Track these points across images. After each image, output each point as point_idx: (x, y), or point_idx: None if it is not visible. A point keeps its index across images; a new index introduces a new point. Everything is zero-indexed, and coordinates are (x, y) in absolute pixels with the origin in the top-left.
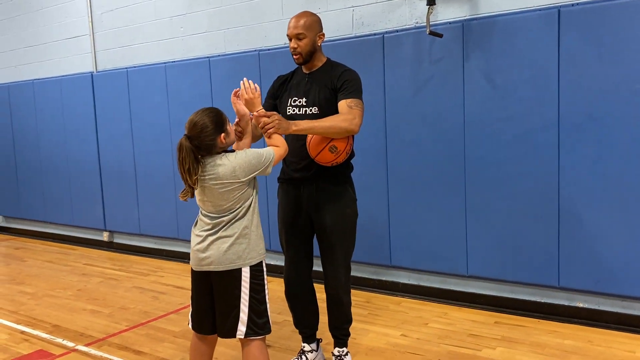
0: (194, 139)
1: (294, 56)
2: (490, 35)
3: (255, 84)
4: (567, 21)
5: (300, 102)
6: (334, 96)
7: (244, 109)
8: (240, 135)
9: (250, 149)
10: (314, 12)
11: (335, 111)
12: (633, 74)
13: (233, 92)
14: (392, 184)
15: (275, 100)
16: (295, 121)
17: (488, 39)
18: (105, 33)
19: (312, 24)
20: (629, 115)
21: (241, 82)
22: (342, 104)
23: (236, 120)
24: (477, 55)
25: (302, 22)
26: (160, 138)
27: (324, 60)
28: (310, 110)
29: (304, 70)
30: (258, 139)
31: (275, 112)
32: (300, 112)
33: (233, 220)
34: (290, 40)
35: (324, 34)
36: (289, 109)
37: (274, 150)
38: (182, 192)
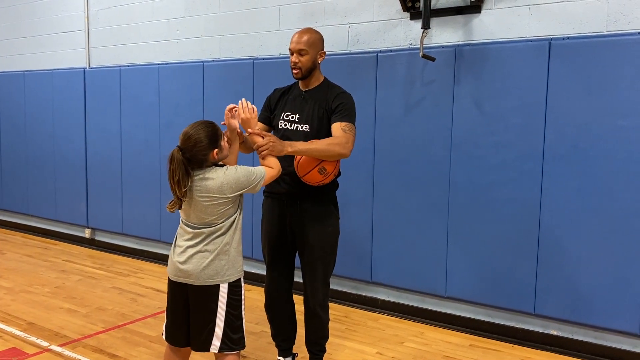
0: (187, 151)
1: (294, 70)
2: (481, 62)
3: (253, 105)
4: (557, 54)
5: (293, 117)
6: (327, 116)
7: (235, 124)
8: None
9: (242, 166)
10: (311, 26)
11: (325, 130)
12: (618, 110)
13: (227, 108)
14: (377, 200)
15: (271, 112)
16: (291, 142)
17: (479, 65)
18: (100, 30)
19: (315, 41)
20: (612, 150)
21: (239, 101)
22: (336, 127)
23: (226, 132)
24: (468, 81)
25: (305, 38)
26: (149, 139)
27: (322, 79)
28: (302, 127)
29: (301, 87)
30: (252, 150)
31: (269, 134)
32: (292, 128)
33: (214, 235)
34: (291, 54)
35: (325, 52)
36: (281, 122)
37: (266, 170)
38: (170, 203)
